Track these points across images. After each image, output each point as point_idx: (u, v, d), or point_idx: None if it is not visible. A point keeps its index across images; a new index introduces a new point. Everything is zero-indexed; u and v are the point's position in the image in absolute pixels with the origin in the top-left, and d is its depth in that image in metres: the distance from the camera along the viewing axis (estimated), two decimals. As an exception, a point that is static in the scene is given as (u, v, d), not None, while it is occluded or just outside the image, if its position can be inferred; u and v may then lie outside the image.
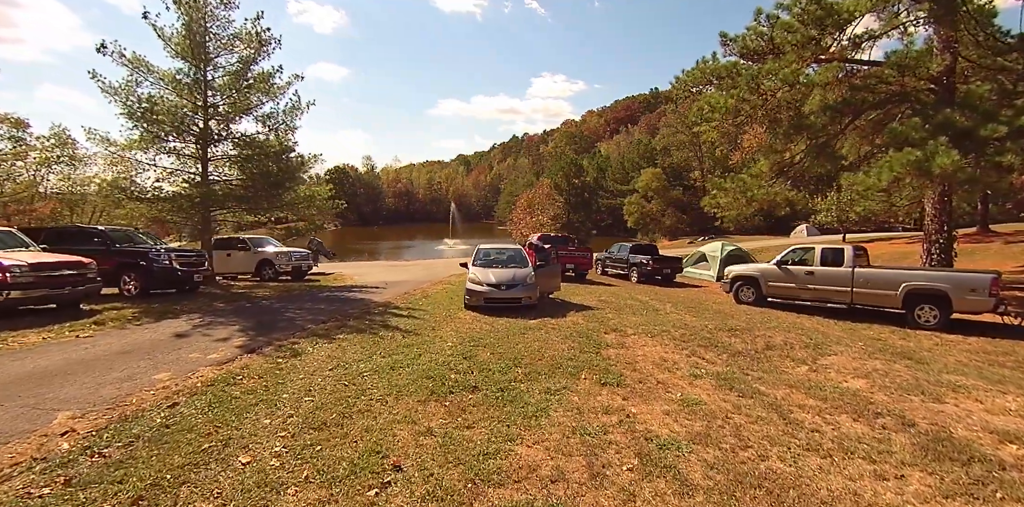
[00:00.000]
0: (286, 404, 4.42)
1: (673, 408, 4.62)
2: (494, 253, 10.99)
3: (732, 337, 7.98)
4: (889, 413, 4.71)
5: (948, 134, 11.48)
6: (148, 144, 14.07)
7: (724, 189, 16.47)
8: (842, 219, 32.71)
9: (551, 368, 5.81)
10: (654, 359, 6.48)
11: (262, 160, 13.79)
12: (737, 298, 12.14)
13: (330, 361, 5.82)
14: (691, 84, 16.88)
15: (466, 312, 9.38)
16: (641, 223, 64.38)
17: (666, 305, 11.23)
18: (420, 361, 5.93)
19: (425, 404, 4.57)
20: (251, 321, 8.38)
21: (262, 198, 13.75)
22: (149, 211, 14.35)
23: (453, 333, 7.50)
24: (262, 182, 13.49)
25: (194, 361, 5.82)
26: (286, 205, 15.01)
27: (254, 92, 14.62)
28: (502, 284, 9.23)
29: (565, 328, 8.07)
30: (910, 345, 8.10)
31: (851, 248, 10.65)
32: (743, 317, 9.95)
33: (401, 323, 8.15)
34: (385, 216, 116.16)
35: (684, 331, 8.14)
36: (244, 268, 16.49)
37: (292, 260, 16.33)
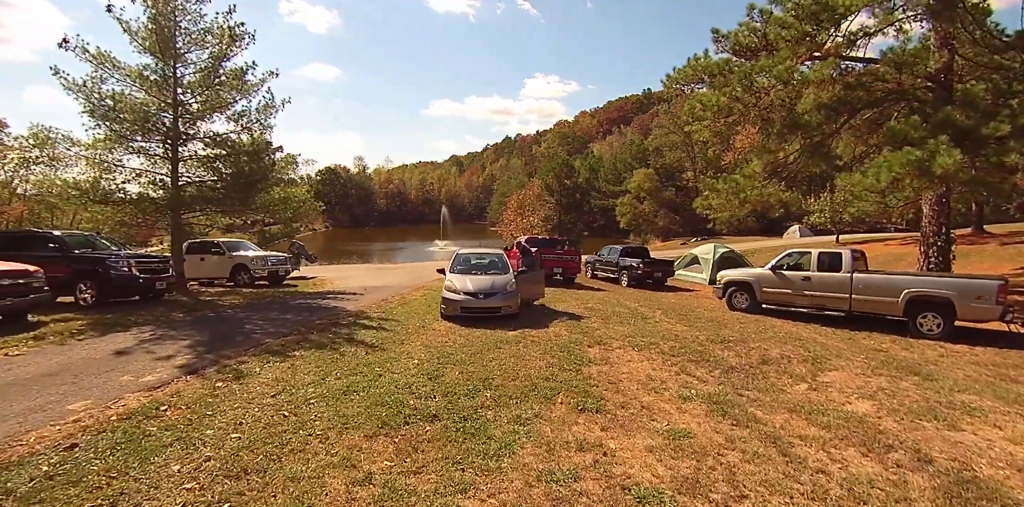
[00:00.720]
0: (207, 443, 3.79)
1: (658, 442, 4.04)
2: (474, 259, 10.37)
3: (725, 350, 7.42)
4: (902, 445, 4.15)
5: (948, 133, 11.02)
6: (113, 144, 13.37)
7: (716, 190, 16.00)
8: (835, 220, 32.37)
9: (525, 390, 5.21)
10: (640, 377, 5.90)
11: (234, 160, 13.12)
12: (730, 304, 11.60)
13: (276, 385, 5.19)
14: (682, 82, 16.38)
15: (442, 322, 8.77)
16: (634, 224, 63.98)
17: (656, 312, 10.67)
18: (379, 383, 5.31)
19: (373, 440, 3.96)
20: (206, 334, 7.72)
21: (233, 200, 13.07)
22: (115, 214, 13.64)
23: (422, 348, 6.89)
24: (233, 183, 12.81)
25: (123, 386, 5.17)
26: (261, 208, 14.33)
27: (226, 89, 13.94)
28: (480, 292, 8.63)
29: (545, 341, 7.47)
30: (914, 357, 7.58)
31: (849, 252, 10.14)
32: (736, 326, 9.40)
33: (368, 336, 7.52)
34: (377, 217, 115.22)
35: (674, 343, 7.57)
36: (218, 273, 15.78)
37: (268, 265, 15.63)
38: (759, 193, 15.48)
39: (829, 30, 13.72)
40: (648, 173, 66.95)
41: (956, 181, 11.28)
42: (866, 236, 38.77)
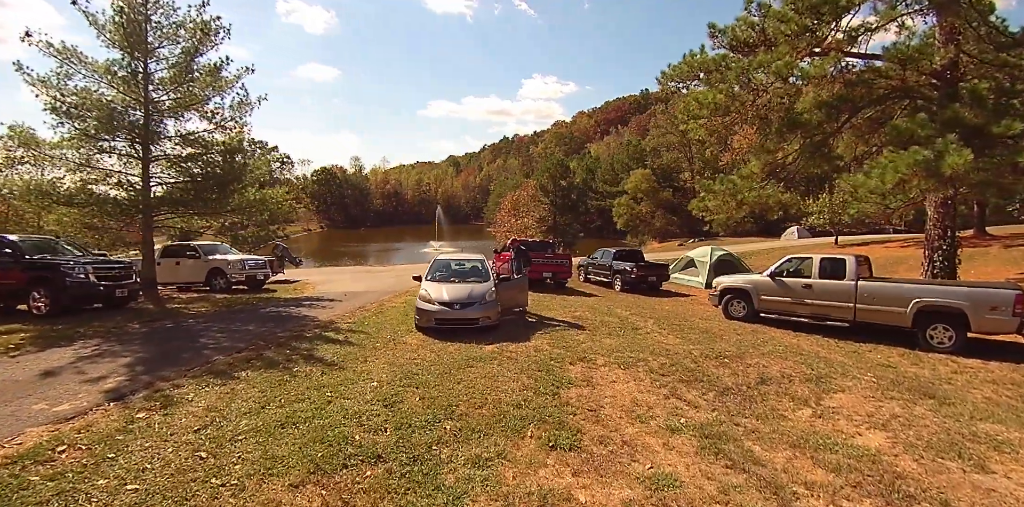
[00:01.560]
0: (93, 500, 3.14)
1: (637, 493, 3.40)
2: (454, 264, 9.72)
3: (720, 367, 6.79)
4: (925, 494, 3.53)
5: (957, 132, 10.42)
6: (80, 143, 12.70)
7: (713, 191, 15.39)
8: (834, 222, 31.77)
9: (491, 421, 4.58)
10: (624, 402, 5.27)
11: (207, 160, 12.46)
12: (727, 313, 10.98)
13: (205, 415, 4.54)
14: (678, 79, 15.76)
15: (415, 334, 8.12)
16: (631, 225, 63.39)
17: (648, 322, 10.04)
18: (326, 412, 4.66)
19: (298, 490, 3.32)
20: (153, 350, 7.07)
21: (205, 202, 12.40)
22: (83, 216, 12.95)
23: (386, 366, 6.24)
24: (204, 184, 12.15)
25: (31, 417, 4.52)
26: (236, 210, 13.67)
27: (199, 86, 13.27)
28: (456, 302, 7.99)
29: (524, 357, 6.84)
30: (925, 374, 6.97)
31: (853, 258, 9.52)
32: (733, 338, 8.77)
33: (329, 352, 6.87)
34: (373, 218, 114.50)
35: (664, 359, 6.94)
36: (194, 277, 15.11)
37: (245, 269, 14.96)
38: (757, 195, 14.89)
39: (830, 24, 13.13)
40: (645, 174, 66.35)
41: (966, 182, 10.67)
42: (865, 238, 38.27)
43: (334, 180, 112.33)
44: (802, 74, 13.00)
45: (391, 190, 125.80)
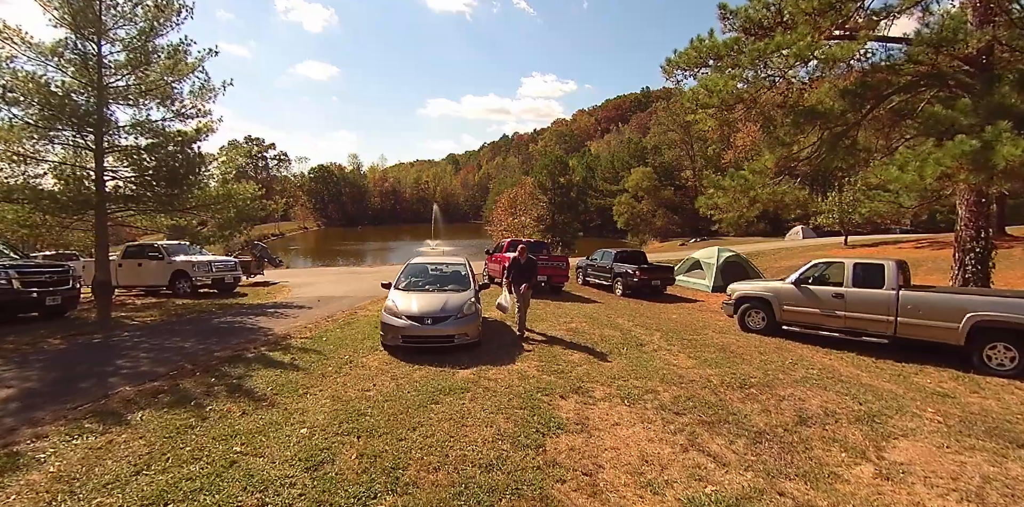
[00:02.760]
0: None
1: None
2: (430, 269, 8.42)
3: (747, 400, 5.52)
4: None
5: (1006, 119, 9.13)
6: (23, 132, 11.41)
7: (722, 188, 14.09)
8: (844, 221, 30.47)
9: (448, 495, 3.30)
10: (630, 459, 3.99)
11: (163, 151, 11.16)
12: (743, 324, 9.70)
13: (47, 490, 3.26)
14: (684, 67, 14.42)
15: (379, 353, 6.84)
16: (631, 224, 62.16)
17: (654, 335, 8.76)
18: (222, 481, 3.39)
19: None
20: (51, 376, 5.79)
21: (159, 197, 11.11)
22: (22, 214, 11.64)
23: (328, 402, 4.95)
24: (155, 177, 10.87)
25: None
26: (200, 207, 12.35)
27: (157, 70, 11.98)
28: (427, 316, 6.71)
29: (504, 387, 5.55)
30: (993, 407, 5.69)
31: (893, 264, 8.24)
32: (756, 357, 7.49)
33: (264, 381, 5.59)
34: (371, 216, 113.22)
35: (679, 390, 5.67)
36: (156, 280, 13.86)
37: (212, 271, 13.69)
38: (771, 192, 13.62)
39: (856, 1, 11.86)
40: (646, 172, 65.12)
41: (1020, 176, 9.39)
42: (874, 238, 36.98)
43: (331, 178, 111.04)
44: (826, 57, 11.70)
45: (389, 188, 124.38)
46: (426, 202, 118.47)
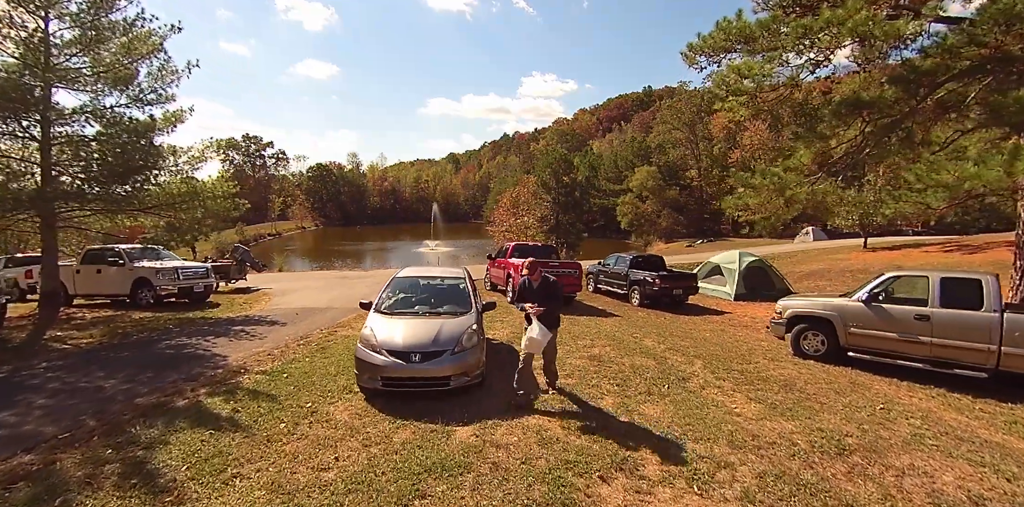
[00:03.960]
0: None
1: None
2: (421, 283, 6.79)
3: (855, 477, 3.94)
4: None
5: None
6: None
7: (752, 186, 12.50)
8: (866, 222, 28.79)
9: None
10: None
11: (113, 142, 9.59)
12: (797, 349, 8.11)
13: None
14: (710, 52, 12.80)
15: (353, 398, 5.26)
16: (635, 224, 60.58)
17: (695, 364, 7.18)
18: None
19: None
20: None
21: (111, 194, 9.55)
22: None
23: (265, 495, 3.37)
24: (101, 172, 9.30)
25: None
26: (161, 206, 10.78)
27: (112, 49, 10.41)
28: (415, 351, 5.07)
29: (520, 461, 3.97)
30: None
31: (992, 279, 6.67)
32: (834, 400, 5.90)
33: (185, 451, 3.99)
34: (370, 215, 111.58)
35: (759, 461, 4.09)
36: (117, 289, 12.26)
37: (179, 278, 12.10)
38: (810, 191, 12.08)
39: (919, -32, 10.29)
40: (651, 171, 63.53)
41: None
42: (892, 240, 35.36)
43: (330, 177, 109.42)
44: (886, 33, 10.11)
45: (388, 187, 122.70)
46: (426, 202, 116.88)
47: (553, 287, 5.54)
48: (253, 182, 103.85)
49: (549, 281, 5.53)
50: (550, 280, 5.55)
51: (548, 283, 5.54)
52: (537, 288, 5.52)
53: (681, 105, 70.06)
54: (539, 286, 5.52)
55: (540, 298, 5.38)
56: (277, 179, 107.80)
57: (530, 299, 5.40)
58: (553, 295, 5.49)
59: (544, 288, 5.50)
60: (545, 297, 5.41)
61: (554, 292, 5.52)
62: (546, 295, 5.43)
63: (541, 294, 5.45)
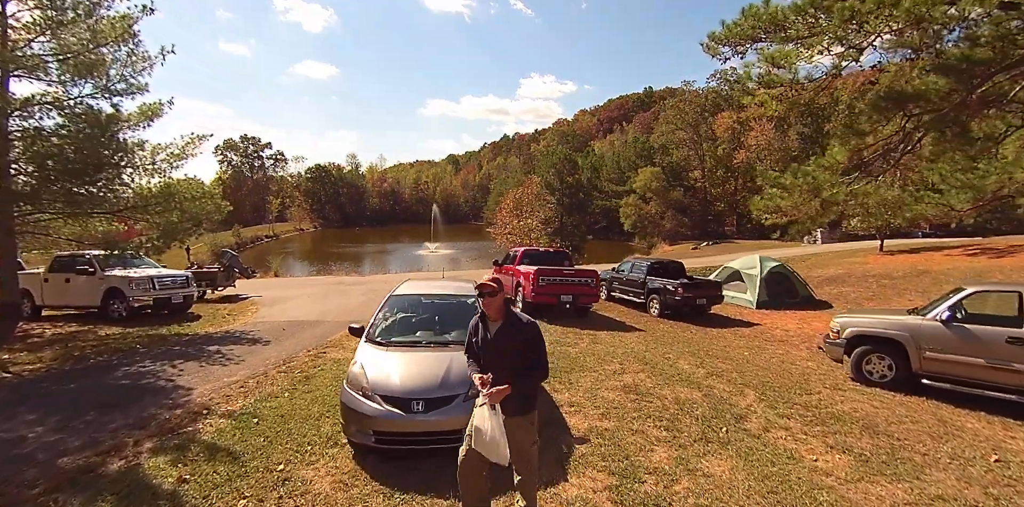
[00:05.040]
0: None
1: None
2: (424, 302, 5.50)
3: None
4: None
5: None
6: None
7: (783, 187, 11.48)
8: (882, 225, 27.66)
9: None
10: None
11: (71, 136, 8.48)
12: (859, 373, 6.99)
13: None
14: (735, 41, 11.72)
15: (337, 455, 4.14)
16: (638, 226, 59.48)
17: (747, 395, 6.06)
18: None
19: None
20: None
21: (65, 194, 8.43)
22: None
23: None
24: (55, 169, 8.19)
25: None
26: (133, 208, 9.67)
27: (76, 32, 9.31)
28: (416, 396, 3.92)
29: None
30: None
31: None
32: (932, 447, 4.79)
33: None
34: (369, 217, 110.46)
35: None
36: (87, 300, 11.13)
37: (154, 289, 10.97)
38: (849, 192, 11.09)
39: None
40: (654, 172, 62.36)
41: None
42: (910, 243, 34.23)
43: (329, 178, 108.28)
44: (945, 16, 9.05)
45: (388, 189, 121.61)
46: (426, 203, 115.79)
47: (527, 333, 3.02)
48: (251, 183, 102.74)
49: (522, 323, 3.05)
50: (523, 321, 3.06)
51: (520, 326, 3.04)
52: (497, 334, 3.05)
53: (684, 105, 68.96)
54: (500, 330, 3.05)
55: (501, 356, 2.99)
56: (275, 180, 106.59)
57: (485, 356, 3.09)
58: (529, 351, 3.01)
59: (509, 335, 3.03)
60: (514, 355, 2.98)
61: (531, 345, 3.01)
62: (515, 351, 2.99)
63: (504, 346, 3.00)
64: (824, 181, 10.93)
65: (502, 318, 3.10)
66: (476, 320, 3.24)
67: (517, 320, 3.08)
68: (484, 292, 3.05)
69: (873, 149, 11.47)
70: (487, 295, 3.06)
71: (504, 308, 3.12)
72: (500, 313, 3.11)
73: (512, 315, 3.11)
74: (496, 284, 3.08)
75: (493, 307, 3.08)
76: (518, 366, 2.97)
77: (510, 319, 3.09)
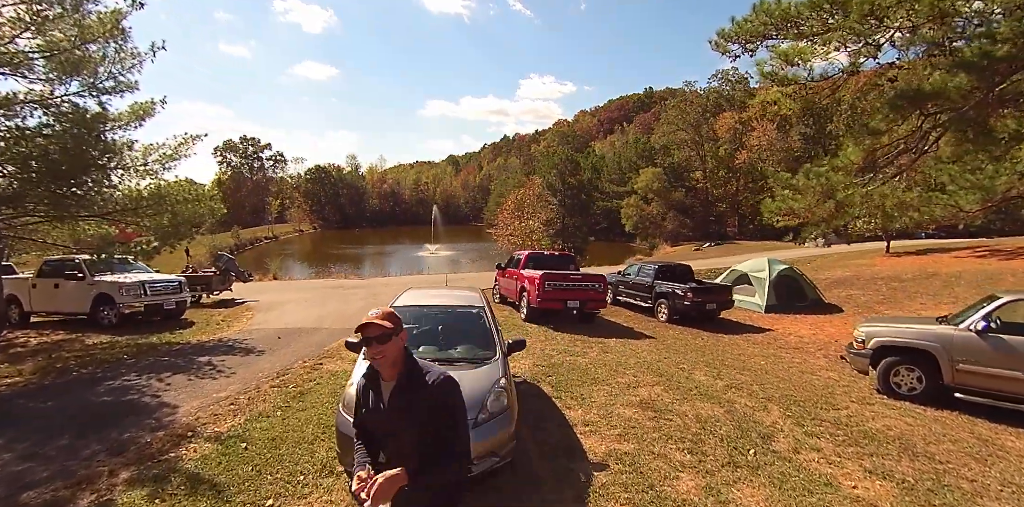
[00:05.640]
0: None
1: None
2: (427, 314, 4.99)
3: None
4: None
5: None
6: None
7: (796, 189, 11.13)
8: (889, 226, 27.31)
9: None
10: None
11: (53, 136, 8.10)
12: (886, 386, 6.61)
13: None
14: (746, 38, 11.36)
15: (335, 482, 3.77)
16: (640, 227, 59.10)
17: (771, 411, 5.68)
18: None
19: None
20: None
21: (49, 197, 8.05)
22: None
23: None
24: (37, 170, 7.80)
25: None
26: (121, 211, 9.29)
27: (62, 26, 8.93)
28: None
29: None
30: None
31: None
32: (978, 470, 4.41)
33: None
34: (369, 218, 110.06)
35: None
36: (76, 306, 10.75)
37: (146, 294, 10.59)
38: (864, 194, 10.78)
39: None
40: (656, 172, 61.94)
41: None
42: (915, 244, 33.89)
43: (328, 179, 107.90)
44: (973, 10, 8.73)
45: (388, 190, 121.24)
46: (426, 204, 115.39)
47: (435, 397, 1.96)
48: (251, 184, 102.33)
49: (426, 381, 1.99)
50: (429, 379, 1.99)
51: (423, 387, 1.97)
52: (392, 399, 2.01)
53: (686, 105, 68.58)
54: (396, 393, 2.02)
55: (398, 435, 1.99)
56: (275, 181, 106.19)
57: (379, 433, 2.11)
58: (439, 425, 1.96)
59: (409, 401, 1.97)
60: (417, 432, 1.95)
61: (442, 416, 1.96)
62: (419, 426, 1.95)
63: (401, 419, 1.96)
64: (838, 182, 10.56)
65: (398, 375, 2.00)
66: (362, 380, 2.14)
67: (419, 378, 1.97)
68: (369, 336, 1.93)
69: (886, 149, 11.11)
70: (375, 341, 1.92)
71: (403, 359, 2.01)
72: (396, 368, 2.00)
73: (414, 370, 2.00)
74: (391, 321, 1.94)
75: (386, 359, 1.96)
76: (427, 449, 1.92)
77: (410, 376, 1.99)
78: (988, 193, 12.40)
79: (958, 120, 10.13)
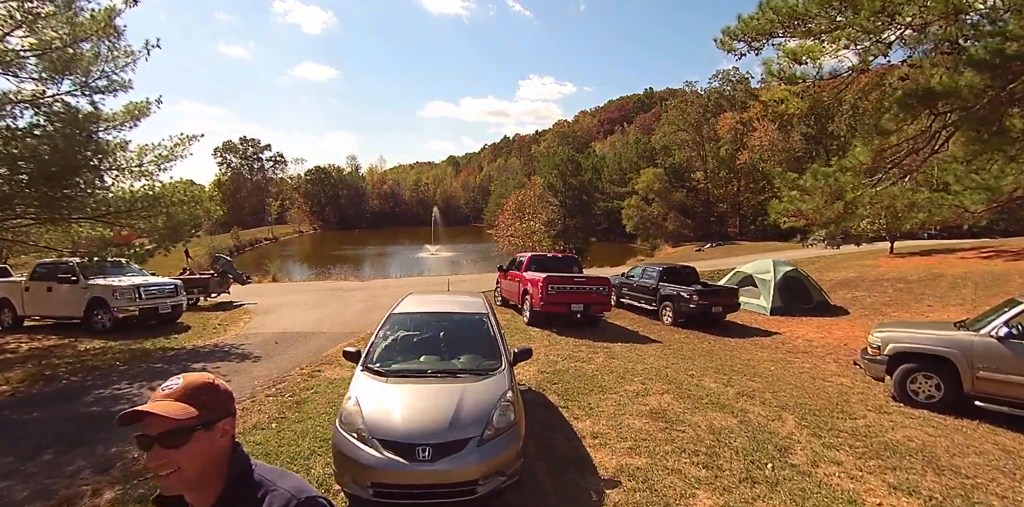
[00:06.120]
0: None
1: None
2: (429, 321, 4.85)
3: None
4: None
5: None
6: None
7: (803, 189, 10.93)
8: (894, 228, 27.10)
9: None
10: None
11: (45, 136, 7.89)
12: (903, 394, 6.40)
13: None
14: (751, 36, 11.15)
15: (334, 502, 3.60)
16: (641, 227, 58.86)
17: (786, 421, 5.46)
18: None
19: None
20: None
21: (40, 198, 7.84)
22: None
23: None
24: (28, 171, 7.59)
25: None
26: (116, 213, 9.07)
27: (55, 25, 8.73)
28: (422, 441, 3.23)
29: None
30: None
31: None
32: (1011, 489, 4.20)
33: None
34: (369, 218, 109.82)
35: None
36: (69, 310, 10.55)
37: (140, 298, 10.37)
38: (874, 194, 10.58)
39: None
40: (656, 173, 61.72)
41: None
42: (919, 244, 33.69)
43: (328, 180, 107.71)
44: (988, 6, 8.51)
45: (388, 190, 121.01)
46: (426, 205, 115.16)
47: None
48: (250, 185, 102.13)
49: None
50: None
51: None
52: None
53: (686, 105, 68.39)
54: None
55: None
56: (275, 182, 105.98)
57: None
58: None
59: None
60: None
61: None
62: None
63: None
64: (847, 183, 10.36)
65: (216, 502, 1.13)
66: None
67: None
68: (146, 435, 1.05)
69: (895, 150, 10.91)
70: (157, 443, 1.04)
71: (222, 472, 1.13)
72: (209, 489, 1.12)
73: (241, 491, 1.12)
74: (194, 403, 1.08)
75: (181, 476, 1.07)
76: None
77: (236, 503, 1.12)
78: (994, 193, 12.14)
79: (969, 119, 9.92)
